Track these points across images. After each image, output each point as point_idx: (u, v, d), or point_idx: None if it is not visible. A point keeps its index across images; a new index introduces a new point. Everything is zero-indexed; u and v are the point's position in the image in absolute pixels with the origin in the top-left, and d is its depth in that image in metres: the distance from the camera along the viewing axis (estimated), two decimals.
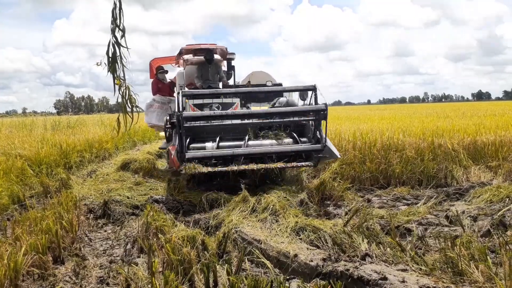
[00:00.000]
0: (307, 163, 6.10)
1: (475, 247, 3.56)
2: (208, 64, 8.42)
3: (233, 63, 9.57)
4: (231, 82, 9.44)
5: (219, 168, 5.80)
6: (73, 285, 3.68)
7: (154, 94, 9.14)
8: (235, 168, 5.83)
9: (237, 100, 7.62)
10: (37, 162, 8.04)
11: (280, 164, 5.87)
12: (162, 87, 9.40)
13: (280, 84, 8.65)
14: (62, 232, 4.46)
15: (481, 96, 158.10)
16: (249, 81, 9.07)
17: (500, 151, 7.84)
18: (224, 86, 8.74)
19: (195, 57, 8.73)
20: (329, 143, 6.13)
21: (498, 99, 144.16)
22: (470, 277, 3.12)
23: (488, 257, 3.33)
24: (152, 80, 9.69)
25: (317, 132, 6.11)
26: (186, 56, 8.88)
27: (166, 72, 9.74)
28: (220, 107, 7.26)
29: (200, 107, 7.23)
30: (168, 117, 6.57)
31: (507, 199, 5.16)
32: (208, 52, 8.29)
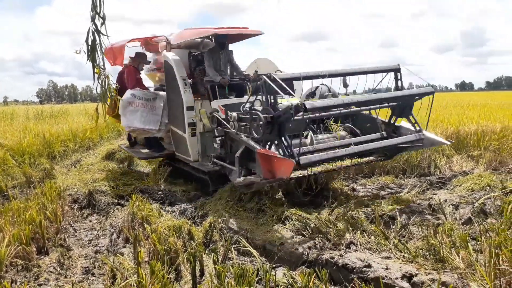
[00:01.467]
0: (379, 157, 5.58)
1: (456, 235, 3.64)
2: (219, 50, 6.84)
3: (230, 46, 7.58)
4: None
5: (314, 170, 4.87)
6: (57, 275, 3.65)
7: (131, 87, 6.97)
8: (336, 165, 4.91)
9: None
10: (20, 152, 7.90)
11: (363, 160, 5.27)
12: (139, 78, 7.33)
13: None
14: (46, 222, 4.41)
15: (464, 86, 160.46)
16: (256, 71, 7.45)
17: (482, 140, 7.99)
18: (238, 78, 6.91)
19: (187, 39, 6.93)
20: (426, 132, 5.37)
21: (480, 89, 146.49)
22: (452, 263, 3.19)
23: (469, 244, 3.41)
24: (122, 67, 7.49)
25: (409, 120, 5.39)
26: (172, 37, 7.14)
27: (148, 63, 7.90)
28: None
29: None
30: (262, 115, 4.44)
31: (488, 187, 5.27)
32: (222, 35, 6.61)
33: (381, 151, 5.52)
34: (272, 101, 4.47)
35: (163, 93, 7.01)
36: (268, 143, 4.63)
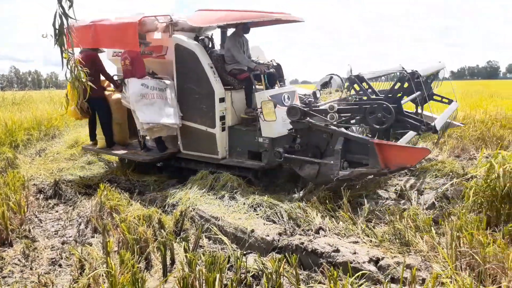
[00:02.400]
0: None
1: (421, 219, 3.78)
2: (242, 35, 6.24)
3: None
4: None
5: None
6: (22, 267, 3.55)
7: (140, 75, 5.93)
8: None
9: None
10: None
11: None
12: (143, 65, 6.19)
13: (279, 65, 6.56)
14: (9, 213, 4.26)
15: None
16: (257, 57, 6.86)
17: None
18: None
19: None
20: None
21: (445, 79, 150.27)
22: (416, 247, 3.32)
23: (432, 228, 3.55)
24: (131, 53, 6.00)
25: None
26: (176, 17, 6.15)
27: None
28: (290, 98, 5.80)
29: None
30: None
31: (451, 173, 5.47)
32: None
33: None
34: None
35: (170, 82, 6.05)
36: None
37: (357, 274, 2.89)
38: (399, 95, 5.52)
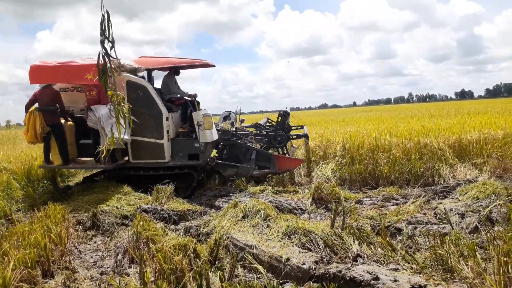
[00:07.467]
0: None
1: (464, 244, 3.61)
2: (175, 75, 8.50)
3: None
4: None
5: None
6: None
7: (105, 103, 7.41)
8: None
9: None
10: (23, 175, 7.93)
11: None
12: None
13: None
14: (51, 245, 4.39)
15: (464, 95, 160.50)
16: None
17: (485, 148, 7.98)
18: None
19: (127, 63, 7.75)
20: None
21: (480, 97, 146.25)
22: (460, 273, 3.16)
23: (477, 253, 3.38)
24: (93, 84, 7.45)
25: None
26: (122, 61, 7.53)
27: None
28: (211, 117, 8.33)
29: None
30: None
31: (493, 195, 5.24)
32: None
33: None
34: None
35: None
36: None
37: None
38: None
